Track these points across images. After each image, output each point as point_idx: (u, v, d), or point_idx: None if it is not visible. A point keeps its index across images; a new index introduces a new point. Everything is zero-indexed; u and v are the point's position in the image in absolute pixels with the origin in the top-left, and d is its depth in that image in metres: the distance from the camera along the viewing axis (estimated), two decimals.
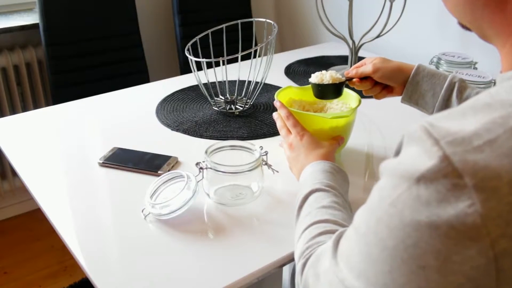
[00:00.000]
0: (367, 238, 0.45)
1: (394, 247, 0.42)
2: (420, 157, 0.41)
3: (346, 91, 1.07)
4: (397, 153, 0.47)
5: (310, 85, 1.10)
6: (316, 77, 0.99)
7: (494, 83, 1.18)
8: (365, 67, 0.99)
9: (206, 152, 0.86)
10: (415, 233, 0.40)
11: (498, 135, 0.39)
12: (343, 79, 0.99)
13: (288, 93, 1.08)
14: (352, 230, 0.50)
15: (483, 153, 0.39)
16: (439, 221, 0.39)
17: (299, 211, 0.72)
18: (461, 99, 0.90)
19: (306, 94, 1.09)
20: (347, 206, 0.73)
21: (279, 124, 0.95)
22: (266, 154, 0.88)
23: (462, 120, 0.42)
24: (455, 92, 0.90)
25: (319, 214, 0.67)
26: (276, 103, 0.96)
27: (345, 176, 0.81)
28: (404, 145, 0.45)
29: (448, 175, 0.39)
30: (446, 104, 0.91)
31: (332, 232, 0.63)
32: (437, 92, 0.92)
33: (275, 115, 0.97)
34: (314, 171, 0.78)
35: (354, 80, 1.00)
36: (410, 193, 0.41)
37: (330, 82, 0.97)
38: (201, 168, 0.85)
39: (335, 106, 1.07)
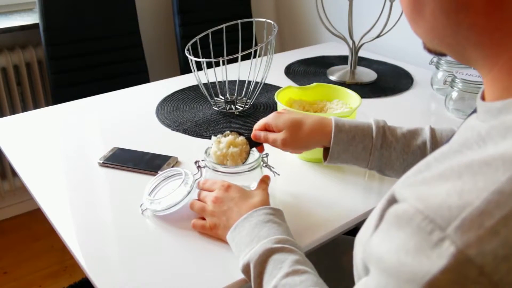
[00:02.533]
0: None
1: None
2: (426, 254, 0.35)
3: (346, 90, 1.07)
4: (376, 227, 0.42)
5: (310, 85, 1.10)
6: (213, 143, 0.86)
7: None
8: (275, 142, 0.83)
9: (205, 152, 0.86)
10: None
11: (511, 209, 0.34)
12: (243, 151, 0.85)
13: (288, 93, 1.08)
14: None
15: (499, 235, 0.33)
16: None
17: (259, 281, 0.64)
18: (397, 139, 0.80)
19: (306, 94, 1.10)
20: (305, 258, 0.66)
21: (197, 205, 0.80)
22: (267, 156, 0.86)
23: (459, 185, 0.36)
24: (387, 137, 0.80)
25: (288, 287, 0.60)
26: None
27: (283, 215, 0.74)
28: (392, 226, 0.39)
29: (467, 274, 0.33)
30: (381, 153, 0.80)
31: None
32: (367, 144, 0.80)
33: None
34: (255, 226, 0.69)
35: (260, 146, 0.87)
36: None
37: (228, 153, 0.83)
38: (199, 166, 0.85)
39: (335, 106, 1.07)
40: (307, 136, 0.82)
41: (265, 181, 0.82)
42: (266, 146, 1.06)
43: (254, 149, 0.88)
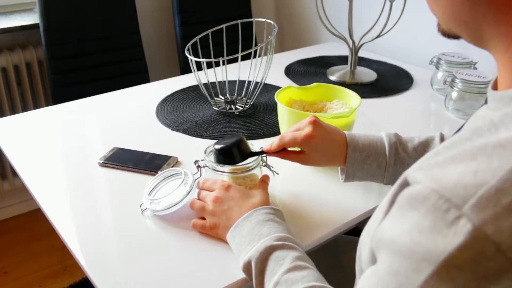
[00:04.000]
0: None
1: None
2: (442, 233, 0.35)
3: (346, 91, 1.07)
4: (386, 212, 0.42)
5: (310, 85, 1.10)
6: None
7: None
8: (297, 137, 0.80)
9: (205, 152, 0.86)
10: None
11: None
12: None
13: (288, 93, 1.08)
14: None
15: None
16: None
17: (260, 278, 0.64)
18: (409, 153, 0.81)
19: (306, 94, 1.09)
20: (305, 255, 0.67)
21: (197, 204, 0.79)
22: (266, 155, 0.86)
23: (474, 165, 0.36)
24: (400, 153, 0.81)
25: (290, 282, 0.60)
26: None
27: (283, 215, 0.75)
28: (404, 209, 0.39)
29: (483, 251, 0.33)
30: (395, 169, 0.81)
31: None
32: (381, 162, 0.80)
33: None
34: (256, 225, 0.69)
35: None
36: (440, 277, 0.35)
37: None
38: (198, 166, 0.85)
39: (335, 106, 1.07)
40: (325, 161, 0.83)
41: (264, 180, 0.82)
42: (266, 145, 1.06)
43: (253, 145, 0.86)
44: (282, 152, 0.82)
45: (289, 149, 0.83)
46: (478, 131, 0.40)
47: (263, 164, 0.86)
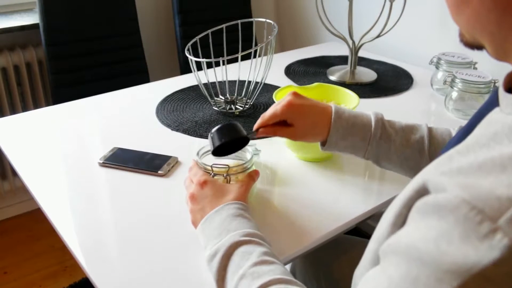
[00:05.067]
0: None
1: None
2: (473, 245, 0.34)
3: (345, 91, 1.07)
4: (400, 216, 0.41)
5: (310, 85, 1.10)
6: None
7: (494, 84, 1.18)
8: (277, 109, 0.80)
9: (197, 154, 0.85)
10: None
11: None
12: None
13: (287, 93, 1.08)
14: None
15: None
16: None
17: (223, 272, 0.62)
18: (397, 130, 0.80)
19: (305, 94, 1.09)
20: (273, 252, 0.65)
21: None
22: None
23: (505, 178, 0.35)
24: (386, 129, 0.79)
25: (256, 274, 0.59)
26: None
27: (250, 213, 0.73)
28: (428, 216, 0.38)
29: None
30: (379, 143, 0.79)
31: None
32: (366, 134, 0.79)
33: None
34: (225, 219, 0.68)
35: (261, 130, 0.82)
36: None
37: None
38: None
39: None
40: (311, 127, 0.80)
41: (252, 176, 0.80)
42: (266, 145, 1.06)
43: (247, 147, 0.85)
44: (269, 128, 0.80)
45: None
46: (497, 138, 0.39)
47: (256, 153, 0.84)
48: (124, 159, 0.99)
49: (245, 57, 1.33)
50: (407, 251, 0.38)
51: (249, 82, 1.24)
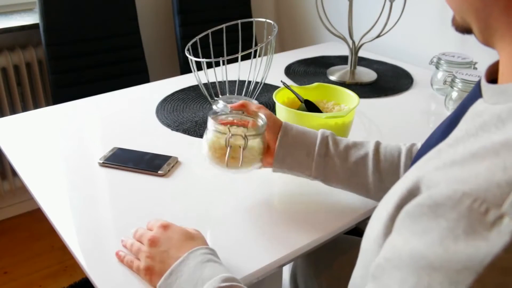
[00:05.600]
0: None
1: None
2: (481, 235, 0.33)
3: (345, 91, 1.07)
4: (392, 219, 0.40)
5: (310, 85, 1.10)
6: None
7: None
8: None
9: (209, 115, 0.81)
10: None
11: None
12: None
13: (286, 93, 1.08)
14: None
15: None
16: None
17: None
18: (340, 151, 0.79)
19: (305, 93, 1.09)
20: None
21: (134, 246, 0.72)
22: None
23: (500, 162, 0.35)
24: (331, 146, 0.79)
25: None
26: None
27: (216, 253, 0.69)
28: (427, 219, 0.36)
29: None
30: (325, 160, 0.79)
31: None
32: (311, 150, 0.79)
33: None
34: (195, 268, 0.62)
35: None
36: (482, 285, 0.33)
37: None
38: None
39: (330, 106, 1.07)
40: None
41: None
42: None
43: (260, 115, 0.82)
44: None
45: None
46: (485, 127, 0.39)
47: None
48: (124, 159, 0.99)
49: (245, 57, 1.33)
50: (413, 262, 0.36)
51: (249, 82, 1.24)
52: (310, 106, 1.06)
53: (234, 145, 0.77)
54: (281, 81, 1.09)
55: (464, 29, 0.50)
